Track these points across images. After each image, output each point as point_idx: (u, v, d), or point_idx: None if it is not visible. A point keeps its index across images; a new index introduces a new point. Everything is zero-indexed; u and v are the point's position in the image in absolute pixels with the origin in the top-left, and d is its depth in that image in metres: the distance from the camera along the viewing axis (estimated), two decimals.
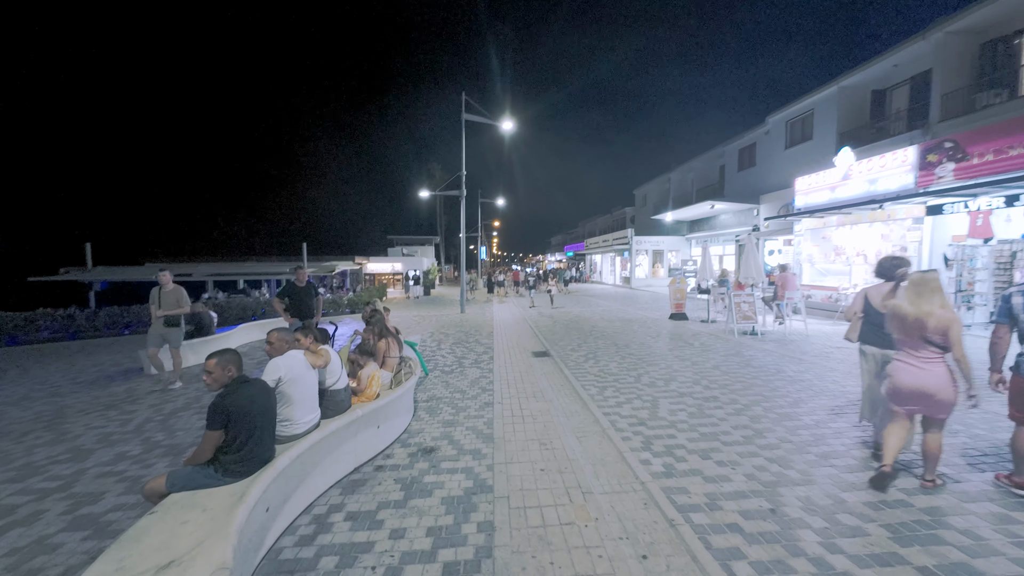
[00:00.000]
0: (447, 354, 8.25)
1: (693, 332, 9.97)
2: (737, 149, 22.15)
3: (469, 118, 16.15)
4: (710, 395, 5.21)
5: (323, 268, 18.36)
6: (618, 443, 3.85)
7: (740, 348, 7.98)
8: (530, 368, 6.91)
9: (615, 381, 5.97)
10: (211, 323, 8.52)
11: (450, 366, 7.24)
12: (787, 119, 18.11)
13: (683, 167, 29.11)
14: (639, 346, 8.48)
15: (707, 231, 24.37)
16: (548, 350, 8.32)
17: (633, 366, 6.83)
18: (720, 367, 6.59)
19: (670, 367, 6.68)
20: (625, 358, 7.42)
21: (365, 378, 3.89)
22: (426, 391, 5.76)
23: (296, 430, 3.01)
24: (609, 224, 47.09)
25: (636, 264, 27.88)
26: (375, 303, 5.83)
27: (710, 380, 5.87)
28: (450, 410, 4.95)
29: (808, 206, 11.76)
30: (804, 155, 16.98)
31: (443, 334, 10.79)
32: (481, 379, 6.31)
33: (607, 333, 10.18)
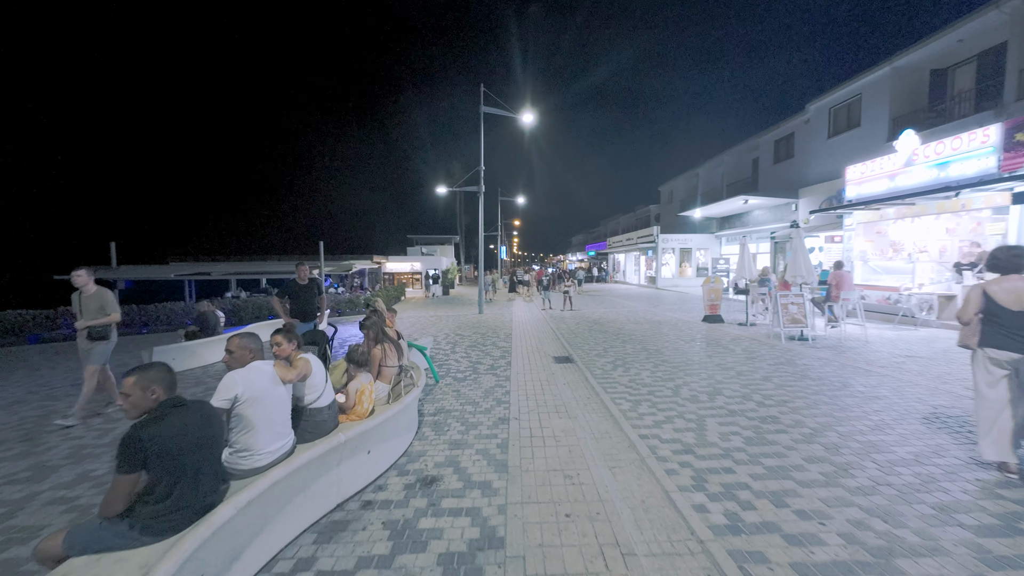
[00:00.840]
0: (461, 358, 7.61)
1: (732, 336, 9.02)
2: (773, 140, 20.78)
3: (488, 111, 15.54)
4: (767, 414, 4.37)
5: (340, 267, 18.10)
6: (662, 478, 3.10)
7: (791, 356, 7.03)
8: (551, 376, 6.19)
9: (649, 394, 5.19)
10: (217, 323, 8.16)
11: (463, 372, 6.59)
12: (830, 106, 16.75)
13: (712, 161, 27.74)
14: (673, 352, 7.63)
15: (739, 228, 23.02)
16: (571, 355, 7.58)
17: (669, 375, 6.01)
18: (772, 379, 5.70)
19: (712, 377, 5.84)
20: (658, 366, 6.61)
21: (354, 393, 3.26)
22: (435, 402, 5.13)
23: (259, 462, 2.40)
24: (632, 223, 45.76)
25: (662, 263, 26.69)
26: (375, 303, 5.25)
27: (763, 395, 5.02)
28: (459, 427, 4.28)
29: (861, 197, 10.61)
30: (850, 144, 15.63)
31: (459, 336, 10.18)
32: (496, 388, 5.63)
33: (635, 336, 9.35)
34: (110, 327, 5.04)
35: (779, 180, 20.30)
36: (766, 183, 21.52)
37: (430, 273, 26.11)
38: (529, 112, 15.41)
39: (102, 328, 4.93)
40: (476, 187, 15.92)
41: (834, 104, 16.58)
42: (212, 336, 7.94)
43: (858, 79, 15.28)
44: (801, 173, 18.45)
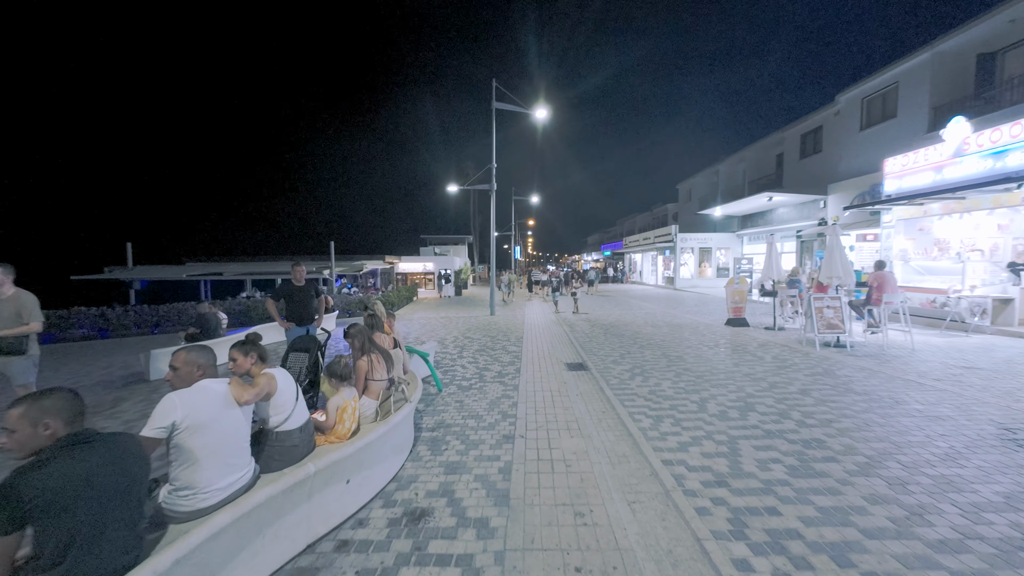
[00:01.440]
0: (468, 364, 7.18)
1: (759, 342, 8.36)
2: (799, 134, 19.81)
3: (500, 107, 15.10)
4: (810, 437, 3.80)
5: (352, 267, 17.92)
6: (692, 519, 2.59)
7: (828, 365, 6.38)
8: (563, 386, 5.70)
9: (672, 409, 4.65)
10: (218, 325, 7.92)
11: (469, 380, 6.15)
12: (863, 96, 15.79)
13: (733, 157, 26.76)
14: (696, 359, 7.04)
15: (762, 226, 22.07)
16: (585, 361, 7.07)
17: (693, 386, 5.46)
18: (810, 392, 5.09)
19: (742, 389, 5.26)
20: (680, 375, 6.05)
21: (333, 411, 2.85)
22: (435, 413, 4.70)
23: (204, 501, 2.00)
24: (649, 222, 44.77)
25: (681, 263, 25.84)
26: (375, 306, 4.87)
27: (803, 412, 4.43)
28: (459, 445, 3.84)
29: (903, 191, 9.80)
30: (886, 136, 14.69)
31: (468, 339, 9.76)
32: (503, 399, 5.17)
33: (654, 341, 8.77)
34: (27, 339, 4.02)
35: (805, 176, 19.34)
36: (791, 179, 20.56)
37: (442, 273, 25.87)
38: (542, 108, 14.92)
39: (15, 340, 3.90)
40: (488, 185, 15.50)
41: (867, 94, 15.62)
42: (213, 338, 7.69)
43: (895, 67, 14.33)
44: (830, 168, 17.49)
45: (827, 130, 17.85)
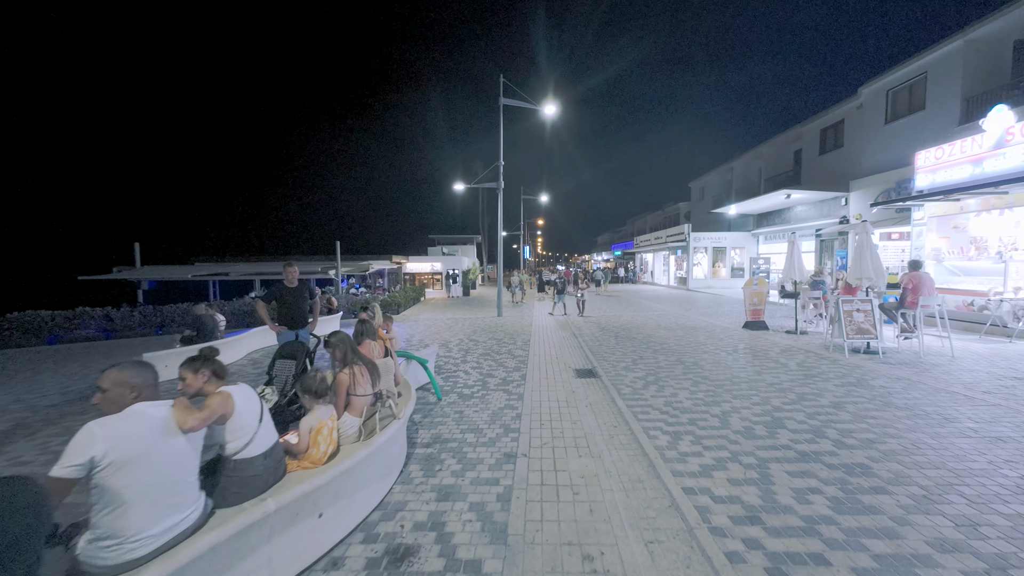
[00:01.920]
0: (471, 369, 6.82)
1: (781, 347, 7.85)
2: (819, 129, 19.08)
3: (508, 103, 14.74)
4: (852, 461, 3.35)
5: (358, 267, 17.70)
6: (722, 568, 2.18)
7: (861, 374, 5.88)
8: (571, 395, 5.30)
9: (691, 423, 4.23)
10: (215, 327, 7.67)
11: (471, 387, 5.79)
12: (888, 88, 15.07)
13: (749, 154, 26.02)
14: (714, 365, 6.58)
15: (779, 225, 21.35)
16: (595, 368, 6.66)
17: (713, 397, 5.02)
18: (845, 405, 4.62)
19: (767, 402, 4.81)
20: (698, 384, 5.61)
21: (306, 434, 2.50)
22: (432, 426, 4.34)
23: (133, 552, 1.66)
24: (661, 221, 44.03)
25: (694, 263, 25.18)
26: (372, 307, 4.52)
27: (840, 430, 3.97)
28: (454, 464, 3.47)
29: (937, 186, 9.18)
30: (913, 129, 13.98)
31: (473, 342, 9.41)
32: (506, 410, 4.80)
33: (668, 345, 8.31)
34: None
35: (825, 172, 18.61)
36: (810, 176, 19.82)
37: (450, 273, 25.57)
38: (551, 104, 14.51)
39: None
40: (495, 183, 15.14)
41: (893, 86, 14.89)
42: (210, 340, 7.45)
43: (923, 56, 13.61)
44: (852, 164, 16.78)
45: (849, 124, 17.12)
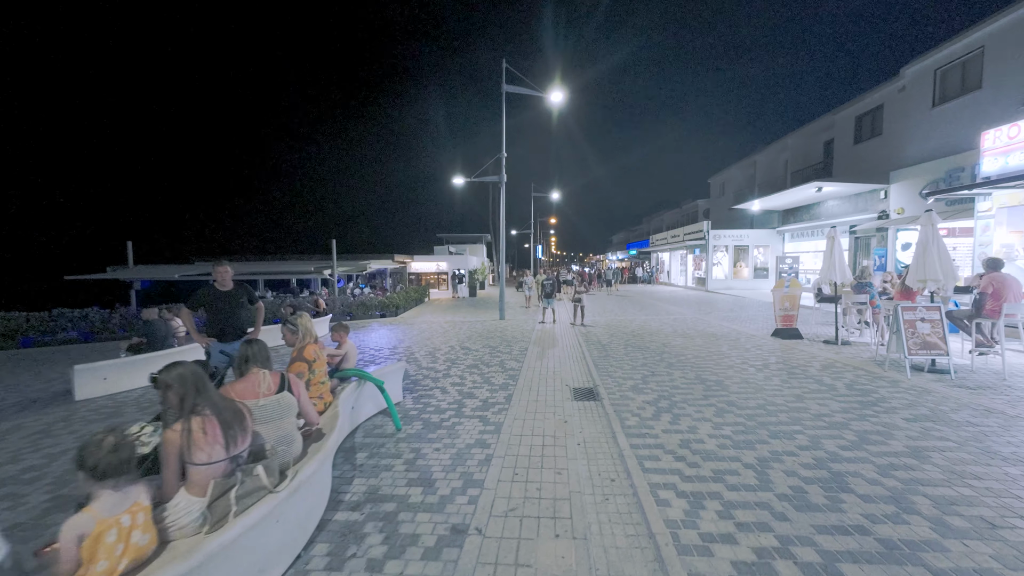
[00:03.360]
0: (451, 387, 5.80)
1: (822, 362, 6.61)
2: (853, 116, 17.47)
3: (511, 90, 13.71)
4: (974, 562, 2.20)
5: (356, 267, 16.92)
6: None
7: (934, 402, 4.63)
8: (562, 427, 4.22)
9: (717, 478, 3.11)
10: (168, 334, 6.85)
11: (443, 412, 4.77)
12: (936, 67, 13.49)
13: (774, 146, 24.38)
14: (741, 386, 5.41)
15: (807, 222, 19.78)
16: (596, 386, 5.56)
17: (743, 434, 3.88)
18: (927, 454, 3.43)
19: (817, 443, 3.65)
20: (723, 413, 4.46)
21: (71, 545, 1.50)
22: (373, 472, 3.33)
23: None
24: (678, 219, 42.37)
25: (714, 262, 23.69)
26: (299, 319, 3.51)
27: (934, 497, 2.80)
28: (378, 545, 2.45)
29: (1009, 171, 7.76)
30: (966, 112, 12.40)
31: (464, 349, 8.40)
32: (476, 449, 3.76)
33: (685, 357, 7.14)
34: None
35: (861, 163, 17.00)
36: (843, 168, 18.20)
37: (456, 273, 24.67)
38: (557, 91, 13.41)
39: None
40: (497, 176, 14.12)
41: (942, 64, 13.30)
42: (161, 349, 6.64)
43: (978, 28, 12.03)
44: (892, 153, 15.18)
45: (889, 109, 15.51)
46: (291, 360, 3.36)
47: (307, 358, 3.31)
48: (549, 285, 12.10)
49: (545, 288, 12.12)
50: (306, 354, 3.34)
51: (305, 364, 3.30)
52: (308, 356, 3.34)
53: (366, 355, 8.19)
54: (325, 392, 3.50)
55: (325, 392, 3.50)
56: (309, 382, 3.34)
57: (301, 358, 3.31)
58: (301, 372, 3.28)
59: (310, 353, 3.37)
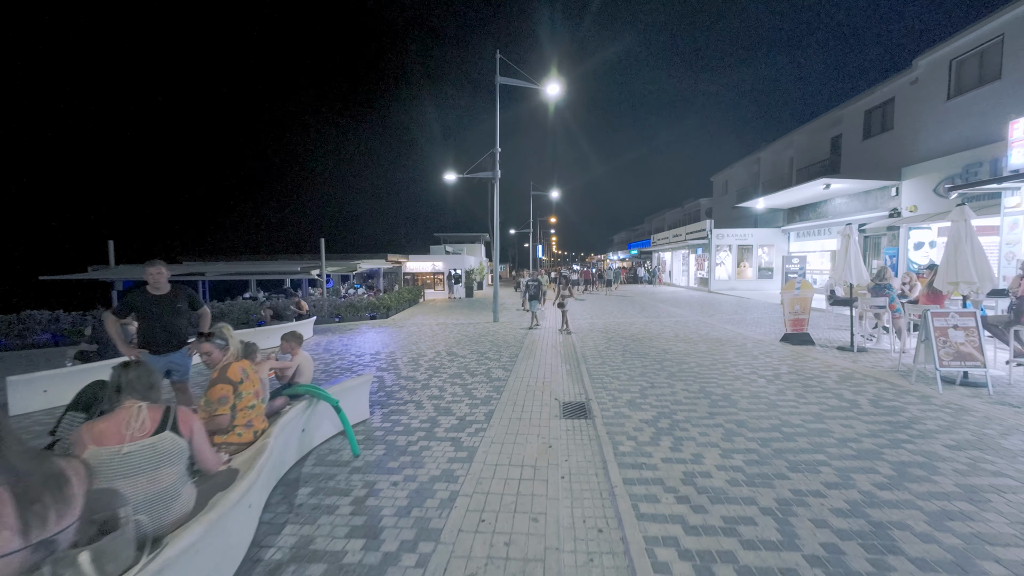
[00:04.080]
0: (427, 400, 5.21)
1: (839, 372, 6.01)
2: (862, 111, 16.82)
3: (505, 82, 13.11)
4: None
5: (346, 267, 16.34)
6: None
7: (975, 423, 4.02)
8: (546, 453, 3.63)
9: (729, 528, 2.52)
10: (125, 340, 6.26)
11: (412, 432, 4.18)
12: (951, 57, 12.85)
13: (779, 143, 23.74)
14: (752, 401, 4.81)
15: (813, 220, 19.16)
16: (589, 401, 4.97)
17: (757, 465, 3.28)
18: (983, 495, 2.82)
19: (848, 478, 3.05)
20: (733, 436, 3.86)
21: None
22: (310, 516, 2.75)
23: None
24: (680, 218, 41.77)
25: (716, 262, 23.05)
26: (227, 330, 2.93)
27: (1006, 562, 2.20)
28: None
29: None
30: (984, 103, 11.78)
31: (450, 355, 7.81)
32: (440, 484, 3.17)
33: (688, 366, 6.54)
34: None
35: (870, 159, 16.36)
36: (851, 164, 17.57)
37: (452, 273, 24.08)
38: (554, 83, 12.80)
39: None
40: (491, 172, 13.52)
41: (958, 54, 12.66)
42: (115, 357, 6.05)
43: (997, 16, 11.39)
44: (904, 148, 14.54)
45: (900, 103, 14.86)
46: (210, 383, 2.77)
47: (231, 379, 2.73)
48: (534, 287, 11.13)
49: (529, 290, 11.16)
50: (230, 374, 2.75)
51: (229, 387, 2.71)
52: (233, 376, 2.75)
53: (344, 362, 7.61)
54: (257, 418, 2.91)
55: (257, 418, 2.91)
56: (234, 407, 2.76)
57: (224, 379, 2.73)
58: (224, 397, 2.69)
59: (235, 372, 2.78)
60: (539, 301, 11.27)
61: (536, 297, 11.11)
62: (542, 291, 14.68)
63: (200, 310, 4.27)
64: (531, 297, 11.14)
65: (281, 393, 3.81)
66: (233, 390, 2.73)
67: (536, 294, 11.12)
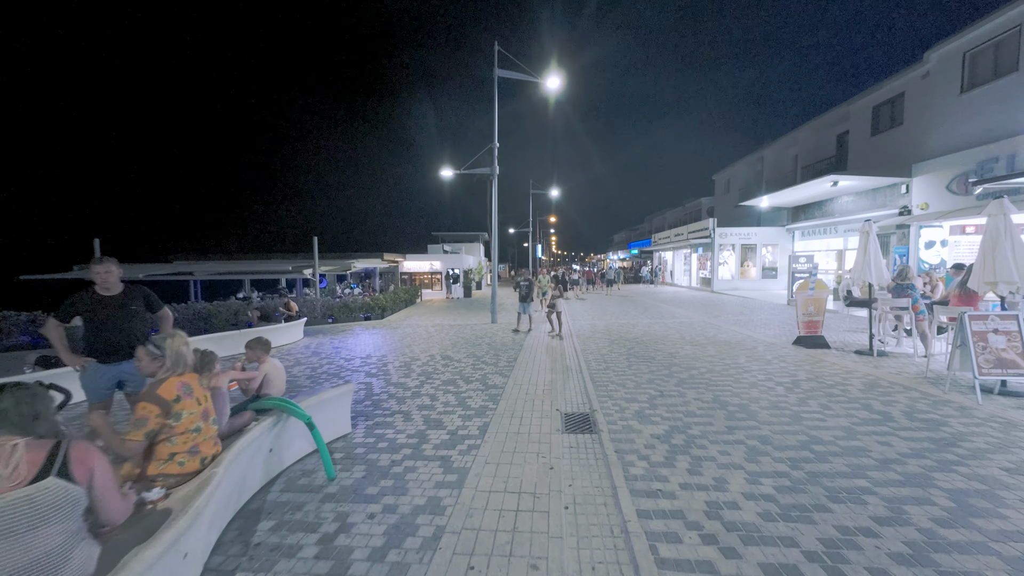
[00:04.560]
0: (416, 412, 4.76)
1: (862, 378, 5.57)
2: (871, 106, 16.40)
3: (504, 74, 12.66)
4: None
5: (340, 266, 15.88)
6: None
7: None
8: (544, 477, 3.19)
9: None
10: None
11: (397, 449, 3.74)
12: (965, 49, 12.42)
13: (783, 140, 23.33)
14: (772, 412, 4.37)
15: (819, 219, 18.74)
16: (594, 411, 4.53)
17: (791, 495, 2.84)
18: None
19: (900, 512, 2.61)
20: (758, 456, 3.42)
21: None
22: (265, 564, 2.31)
23: None
24: (681, 217, 41.36)
25: (720, 262, 22.62)
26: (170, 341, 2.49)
27: None
28: None
29: None
30: (1000, 96, 11.37)
31: (445, 359, 7.37)
32: (423, 516, 2.73)
33: (698, 371, 6.10)
34: None
35: (879, 156, 15.95)
36: (859, 161, 17.15)
37: (450, 273, 23.63)
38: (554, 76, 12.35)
39: None
40: (489, 169, 13.08)
41: (972, 46, 12.23)
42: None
43: (1014, 6, 10.97)
44: (914, 144, 14.13)
45: (911, 97, 14.44)
46: (135, 401, 2.31)
47: (162, 397, 2.26)
48: (525, 287, 10.34)
49: (520, 290, 10.35)
50: (162, 391, 2.28)
51: (155, 407, 2.23)
52: (165, 394, 2.29)
53: (332, 367, 7.16)
54: (205, 443, 2.46)
55: (205, 443, 2.46)
56: (173, 430, 2.30)
57: (151, 397, 2.25)
58: (142, 419, 2.18)
59: (170, 390, 2.31)
60: (530, 302, 10.43)
61: (527, 299, 10.30)
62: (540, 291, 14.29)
63: (159, 312, 3.82)
64: (522, 298, 10.34)
65: (247, 408, 3.36)
66: (164, 411, 2.27)
67: (527, 295, 10.30)
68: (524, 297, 10.27)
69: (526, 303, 10.30)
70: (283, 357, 8.05)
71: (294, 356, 8.11)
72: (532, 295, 10.37)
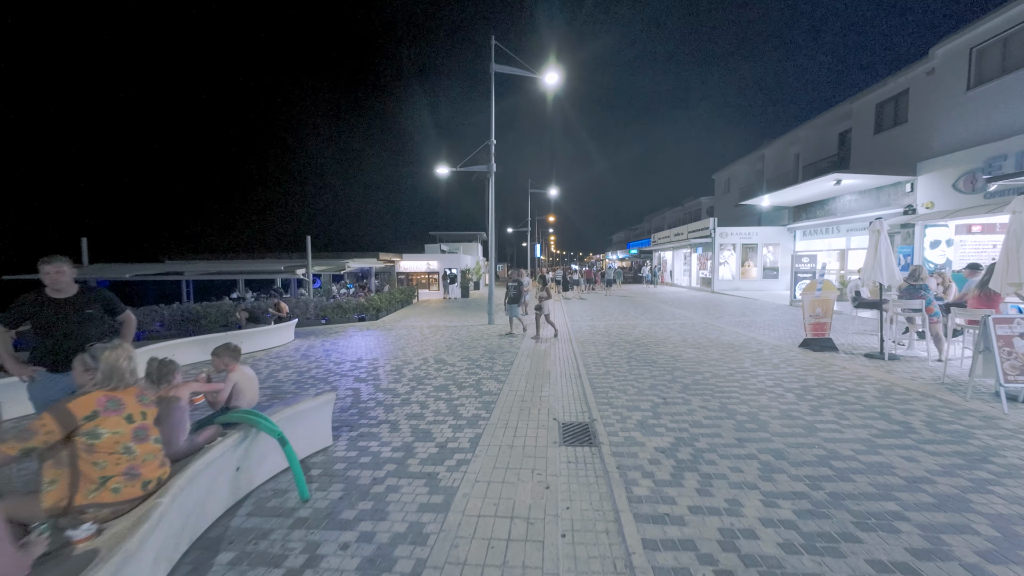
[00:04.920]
0: (404, 421, 4.46)
1: (875, 384, 5.29)
2: (874, 104, 16.15)
3: (501, 70, 12.38)
4: None
5: (335, 266, 15.57)
6: None
7: None
8: (543, 496, 2.89)
9: None
10: None
11: (380, 465, 3.44)
12: (972, 46, 12.17)
13: (783, 139, 23.09)
14: (784, 422, 4.09)
15: (821, 218, 18.49)
16: (593, 421, 4.23)
17: (814, 522, 2.55)
18: None
19: (939, 543, 2.32)
20: (773, 474, 3.13)
21: None
22: None
23: None
24: (680, 217, 41.15)
25: (720, 262, 22.36)
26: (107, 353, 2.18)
27: None
28: None
29: None
30: (1008, 93, 11.10)
31: (439, 363, 7.07)
32: (402, 548, 2.43)
33: (703, 376, 5.81)
34: None
35: (882, 155, 15.70)
36: (861, 160, 16.90)
37: (447, 272, 23.34)
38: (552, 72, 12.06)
39: None
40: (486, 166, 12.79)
41: (979, 42, 11.98)
42: None
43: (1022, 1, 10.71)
44: (919, 142, 13.88)
45: (916, 94, 14.18)
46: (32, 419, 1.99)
47: (72, 412, 1.92)
48: (514, 289, 9.73)
49: (509, 292, 9.80)
50: (74, 405, 1.95)
51: (51, 424, 1.85)
52: (78, 409, 1.95)
53: (320, 370, 6.85)
54: (146, 464, 2.15)
55: (146, 464, 2.15)
56: (93, 449, 1.98)
57: (57, 410, 1.89)
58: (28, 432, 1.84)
59: (87, 405, 1.97)
60: (518, 305, 9.72)
61: (516, 301, 9.69)
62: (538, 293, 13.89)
63: (121, 316, 3.51)
64: (510, 301, 9.74)
65: (213, 421, 3.06)
66: (64, 428, 1.90)
67: (516, 297, 9.67)
68: (513, 299, 9.71)
69: (514, 306, 9.71)
70: (271, 360, 7.75)
71: (282, 359, 7.80)
72: (521, 298, 9.74)
